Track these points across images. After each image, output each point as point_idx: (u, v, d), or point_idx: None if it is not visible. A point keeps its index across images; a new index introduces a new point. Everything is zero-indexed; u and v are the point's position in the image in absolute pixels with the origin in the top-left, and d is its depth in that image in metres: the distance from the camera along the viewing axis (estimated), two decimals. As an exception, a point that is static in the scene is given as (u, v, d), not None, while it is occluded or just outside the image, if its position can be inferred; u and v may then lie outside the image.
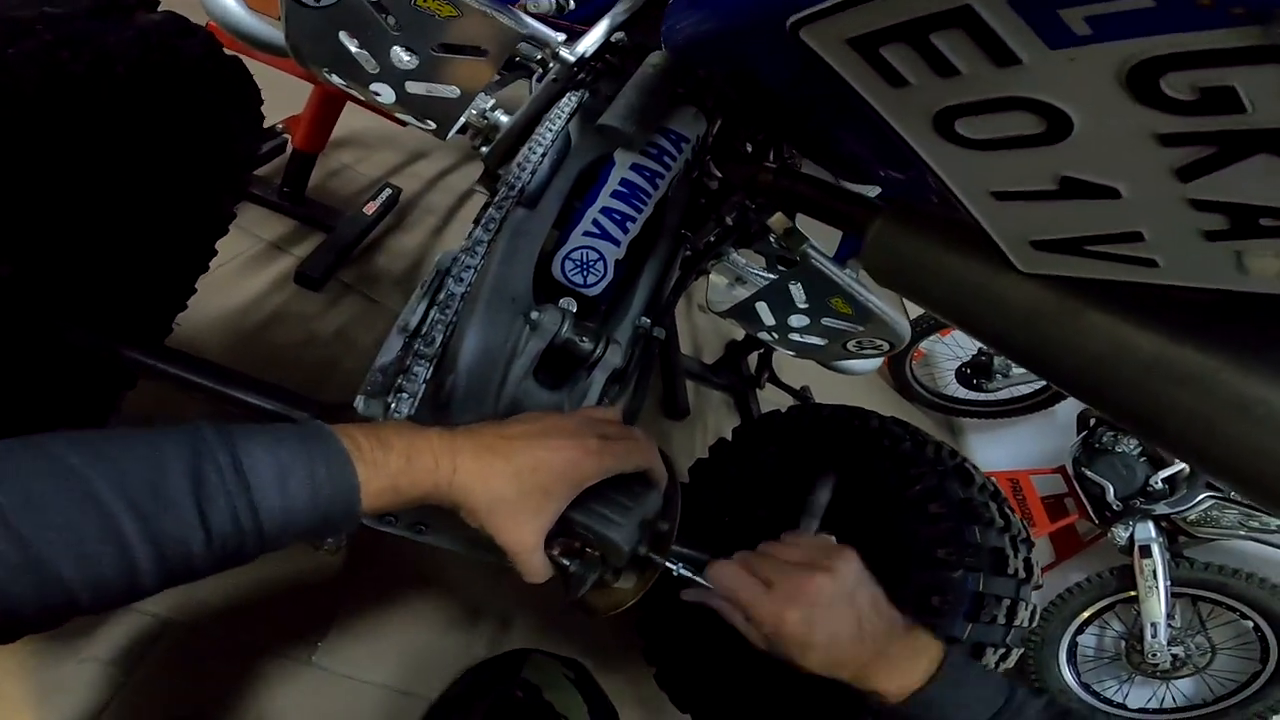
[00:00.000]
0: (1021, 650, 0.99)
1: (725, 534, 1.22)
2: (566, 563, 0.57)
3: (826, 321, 1.11)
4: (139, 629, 0.94)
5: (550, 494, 0.51)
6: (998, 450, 3.05)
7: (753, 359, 2.27)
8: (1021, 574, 0.93)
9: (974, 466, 1.03)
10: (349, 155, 1.98)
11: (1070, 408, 2.71)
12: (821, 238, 1.11)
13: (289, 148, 1.63)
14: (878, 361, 1.47)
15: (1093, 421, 2.38)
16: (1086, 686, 2.20)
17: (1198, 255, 0.34)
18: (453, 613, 1.22)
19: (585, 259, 0.83)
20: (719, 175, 1.13)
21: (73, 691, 0.86)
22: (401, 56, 0.76)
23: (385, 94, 0.81)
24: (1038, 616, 1.00)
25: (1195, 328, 0.39)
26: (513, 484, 0.49)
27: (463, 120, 1.02)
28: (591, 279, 0.83)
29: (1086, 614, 2.19)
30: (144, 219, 0.75)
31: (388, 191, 1.83)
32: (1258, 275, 0.32)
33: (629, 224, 0.86)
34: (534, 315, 0.73)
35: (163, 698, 0.90)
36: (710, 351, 2.34)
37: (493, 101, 1.07)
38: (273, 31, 0.74)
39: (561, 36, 0.84)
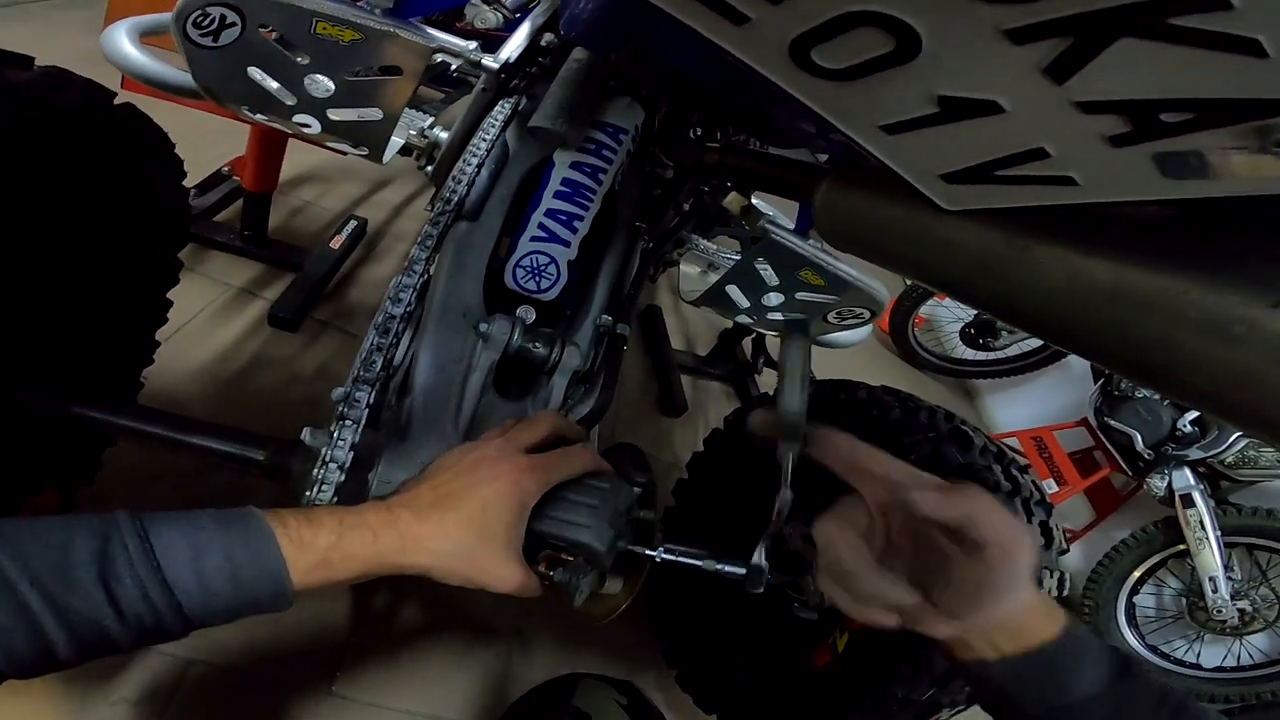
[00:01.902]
0: None
1: (730, 529, 1.19)
2: (554, 574, 0.57)
3: (801, 296, 1.08)
4: (165, 670, 0.96)
5: (509, 524, 0.52)
6: (1017, 409, 2.98)
7: (747, 345, 2.24)
8: (1040, 540, 0.87)
9: (973, 429, 0.98)
10: (310, 191, 1.97)
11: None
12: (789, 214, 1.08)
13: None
14: (865, 332, 1.44)
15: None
16: (1154, 649, 2.09)
17: (1113, 165, 0.31)
18: (466, 632, 1.19)
19: (535, 264, 0.81)
20: (671, 164, 1.11)
21: None
22: (317, 85, 0.75)
23: (311, 125, 0.80)
24: (1068, 584, 0.91)
25: (1153, 250, 0.36)
26: (472, 531, 0.50)
27: (401, 142, 1.02)
28: (545, 284, 0.82)
29: (1138, 573, 2.08)
30: (75, 278, 0.75)
31: (353, 223, 1.82)
32: (1227, 176, 0.29)
33: (576, 223, 0.84)
34: (483, 327, 0.72)
35: None
36: (704, 343, 2.32)
37: (431, 120, 1.06)
38: (184, 75, 0.73)
39: (473, 45, 0.83)
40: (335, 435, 0.56)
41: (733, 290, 1.10)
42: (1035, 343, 2.82)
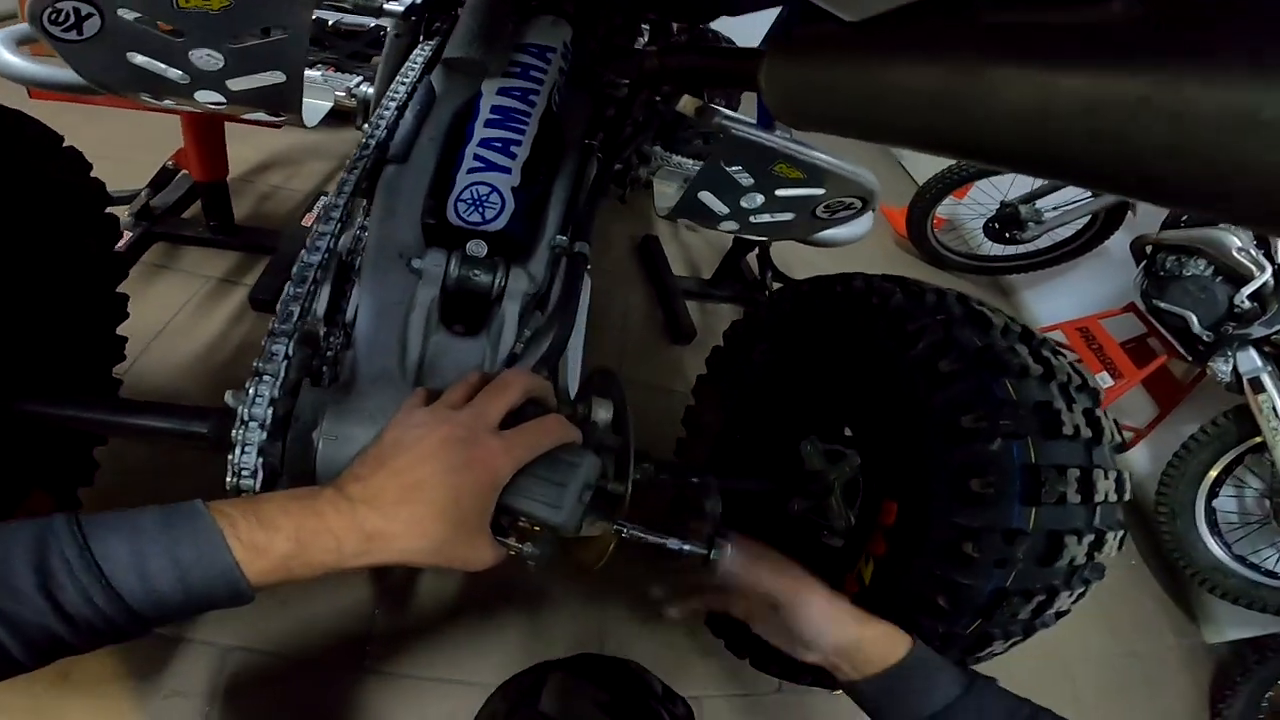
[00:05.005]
0: (1121, 533, 0.79)
1: (740, 452, 1.15)
2: (523, 548, 0.56)
3: (781, 193, 1.01)
4: (208, 659, 0.99)
5: (480, 510, 0.50)
6: (1058, 302, 2.79)
7: (753, 261, 2.15)
8: (1086, 432, 0.75)
9: (993, 309, 0.87)
10: (277, 176, 1.92)
11: (1122, 239, 2.43)
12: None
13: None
14: (863, 225, 1.35)
15: (1149, 248, 2.08)
16: (1241, 559, 1.85)
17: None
18: (491, 597, 1.20)
19: (475, 195, 0.77)
20: (624, 82, 1.04)
21: None
22: (204, 60, 0.69)
23: (211, 98, 0.75)
24: (1128, 485, 0.80)
25: (1132, 50, 0.32)
26: (445, 523, 0.47)
27: (329, 104, 0.96)
28: (490, 213, 0.77)
29: (1214, 472, 1.86)
30: (12, 281, 0.73)
31: (323, 199, 1.77)
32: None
33: (513, 148, 0.79)
34: (416, 263, 0.69)
35: None
36: (708, 268, 2.22)
37: (359, 78, 1.00)
38: (71, 74, 0.69)
39: None
40: (252, 392, 0.52)
41: (707, 197, 1.03)
42: (1067, 231, 2.65)
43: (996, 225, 2.67)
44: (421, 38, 0.89)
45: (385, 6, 0.78)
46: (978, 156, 0.46)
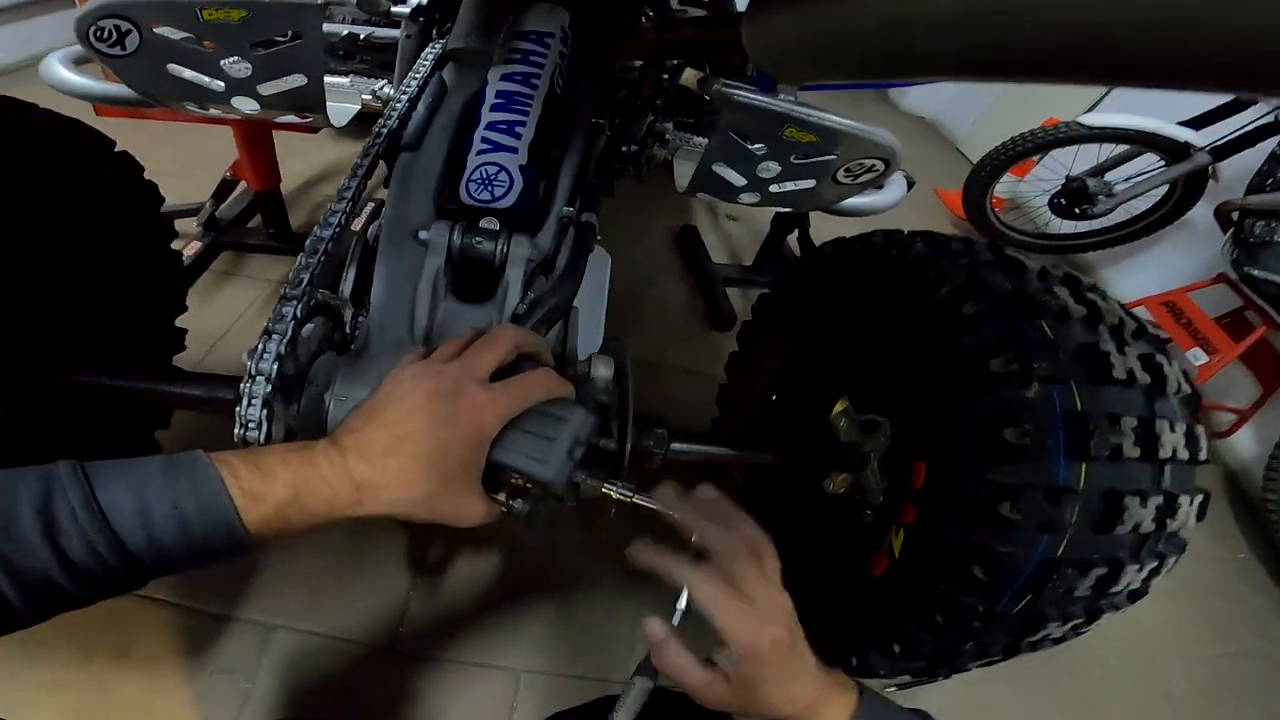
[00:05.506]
0: (1200, 498, 0.69)
1: (774, 426, 1.13)
2: (514, 504, 0.56)
3: (796, 160, 1.00)
4: (251, 637, 1.05)
5: (468, 463, 0.50)
6: (1142, 277, 2.62)
7: (794, 243, 2.12)
8: (1144, 378, 0.67)
9: (1025, 257, 0.81)
10: (329, 186, 2.06)
11: (1205, 208, 2.27)
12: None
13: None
14: (896, 191, 1.32)
15: (1235, 214, 1.94)
16: None
17: None
18: (524, 581, 1.22)
19: (484, 175, 0.80)
20: (634, 65, 1.06)
21: (211, 701, 0.98)
22: (235, 67, 0.77)
23: (248, 105, 0.83)
24: (1206, 446, 0.70)
25: None
26: (431, 476, 0.48)
27: (356, 107, 1.03)
28: (499, 191, 0.80)
29: None
30: (76, 271, 0.83)
31: (370, 205, 1.87)
32: None
33: (518, 129, 0.82)
34: (422, 235, 0.73)
35: (281, 699, 1.00)
36: (750, 255, 2.22)
37: (384, 82, 1.07)
38: (123, 88, 0.78)
39: None
40: (260, 349, 0.56)
41: (722, 169, 1.03)
42: (1144, 204, 2.49)
43: (1063, 201, 2.54)
44: (434, 34, 0.94)
45: (393, 10, 0.83)
46: (1027, 72, 0.36)
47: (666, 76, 1.01)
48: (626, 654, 1.15)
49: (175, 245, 1.00)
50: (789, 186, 1.09)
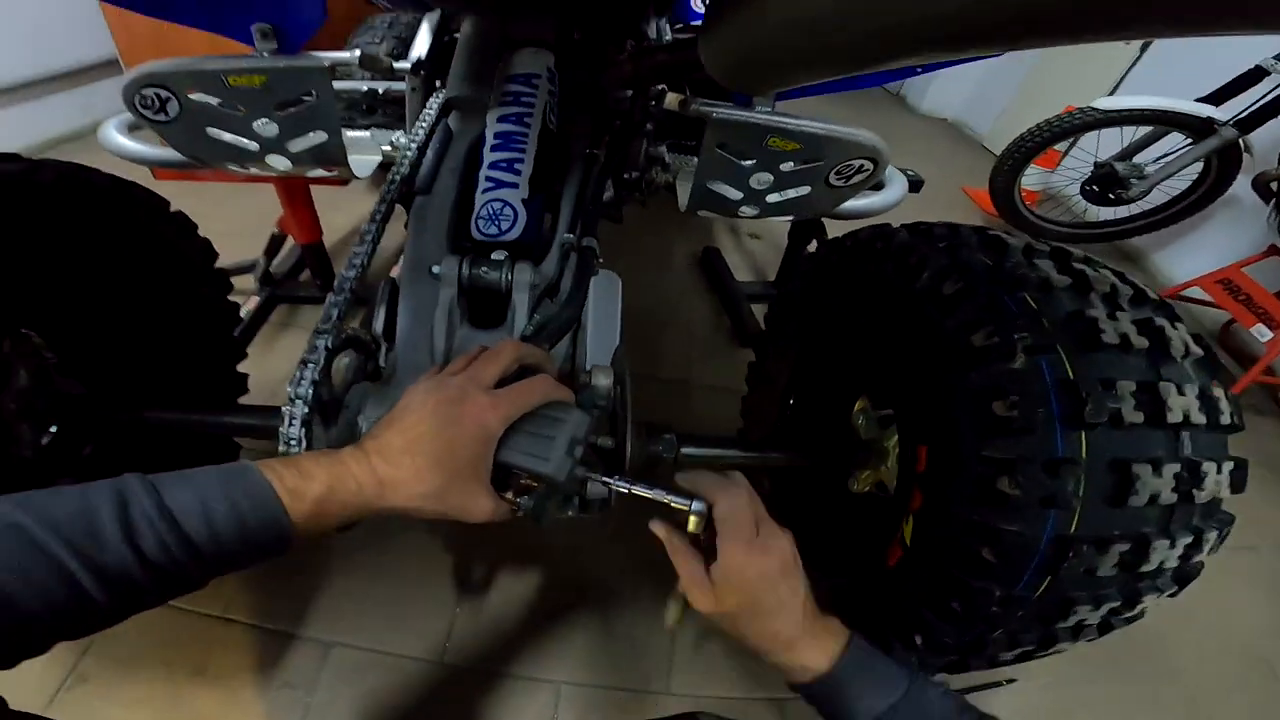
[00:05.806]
0: (1231, 466, 0.66)
1: (795, 430, 1.15)
2: (521, 501, 0.61)
3: (785, 167, 1.04)
4: (311, 654, 1.12)
5: (475, 461, 0.56)
6: (1194, 258, 2.53)
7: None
8: (1141, 342, 0.65)
9: (1012, 234, 0.82)
10: None
11: (1245, 182, 2.19)
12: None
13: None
14: (896, 190, 1.33)
15: (1275, 184, 1.91)
16: None
17: None
18: (566, 594, 1.26)
19: (491, 211, 0.88)
20: (626, 94, 1.13)
21: (276, 715, 1.04)
22: (265, 127, 0.87)
23: (281, 162, 0.92)
24: (1231, 410, 0.67)
25: None
26: (442, 473, 0.54)
27: (378, 158, 1.13)
28: (505, 225, 0.88)
29: None
30: (142, 318, 0.93)
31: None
32: None
33: (517, 165, 0.89)
34: (435, 269, 0.80)
35: (337, 711, 1.06)
36: (773, 270, 2.22)
37: (399, 132, 1.17)
38: (173, 152, 0.89)
39: (356, 53, 0.92)
40: (297, 376, 0.63)
41: (717, 185, 1.08)
42: (1182, 184, 2.42)
43: (1095, 188, 2.48)
44: (436, 85, 1.03)
45: (395, 66, 0.93)
46: (1021, 35, 0.36)
47: (654, 103, 1.07)
48: (664, 666, 1.17)
49: (235, 299, 1.11)
50: (785, 195, 1.12)
